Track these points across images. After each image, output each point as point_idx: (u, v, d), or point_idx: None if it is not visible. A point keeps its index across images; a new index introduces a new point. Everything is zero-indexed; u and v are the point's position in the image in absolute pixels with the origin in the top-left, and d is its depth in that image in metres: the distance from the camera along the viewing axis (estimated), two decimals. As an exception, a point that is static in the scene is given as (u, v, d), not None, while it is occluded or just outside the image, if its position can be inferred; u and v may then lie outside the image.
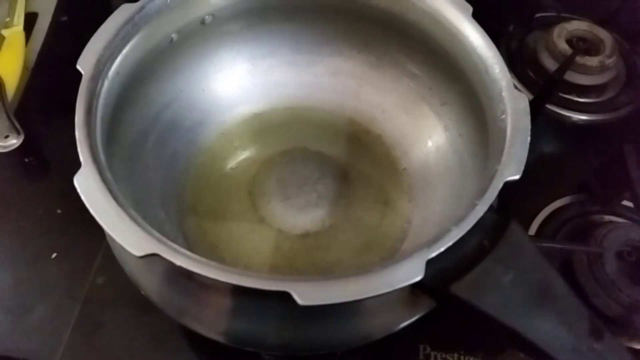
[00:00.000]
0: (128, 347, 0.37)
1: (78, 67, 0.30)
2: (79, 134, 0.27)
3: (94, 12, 0.42)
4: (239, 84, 0.44)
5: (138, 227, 0.24)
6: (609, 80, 0.53)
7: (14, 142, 0.46)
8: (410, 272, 0.23)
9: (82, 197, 0.25)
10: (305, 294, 0.22)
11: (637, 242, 0.42)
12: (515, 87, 0.30)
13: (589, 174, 0.49)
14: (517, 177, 0.27)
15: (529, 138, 0.28)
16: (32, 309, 0.39)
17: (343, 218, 0.40)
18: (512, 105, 0.29)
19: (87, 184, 0.25)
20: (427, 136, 0.42)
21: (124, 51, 0.32)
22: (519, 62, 0.55)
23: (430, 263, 0.24)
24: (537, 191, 0.47)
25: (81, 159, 0.26)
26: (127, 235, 0.24)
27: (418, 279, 0.23)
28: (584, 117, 0.52)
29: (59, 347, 0.37)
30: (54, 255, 0.41)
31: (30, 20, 0.57)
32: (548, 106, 0.51)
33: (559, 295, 0.25)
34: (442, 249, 0.24)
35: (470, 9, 0.33)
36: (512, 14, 0.58)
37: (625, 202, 0.46)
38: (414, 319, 0.29)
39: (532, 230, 0.45)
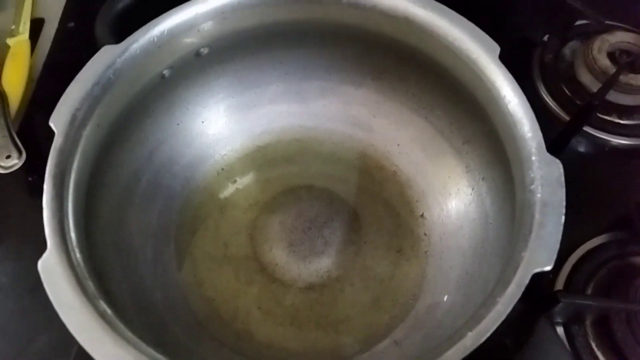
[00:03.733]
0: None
1: (51, 124, 0.27)
2: (47, 211, 0.24)
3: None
4: (241, 114, 0.40)
5: (105, 327, 0.22)
6: (655, 100, 0.47)
7: (15, 162, 0.44)
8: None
9: (46, 288, 0.22)
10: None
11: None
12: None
13: (630, 207, 0.43)
14: (548, 268, 0.22)
15: (563, 217, 0.24)
16: (34, 338, 0.37)
17: (351, 268, 0.36)
18: (544, 173, 0.25)
19: (51, 273, 0.23)
20: (447, 176, 0.38)
21: (105, 100, 0.29)
22: (554, 78, 0.49)
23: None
24: (570, 228, 0.42)
25: (48, 241, 0.23)
26: (92, 338, 0.21)
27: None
28: (625, 142, 0.47)
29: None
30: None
31: (37, 26, 0.54)
32: (584, 128, 0.46)
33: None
34: (454, 362, 0.21)
35: (498, 49, 0.29)
36: (548, 21, 0.52)
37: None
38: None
39: (564, 274, 0.40)
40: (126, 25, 0.34)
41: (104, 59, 0.29)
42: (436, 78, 0.35)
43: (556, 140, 0.45)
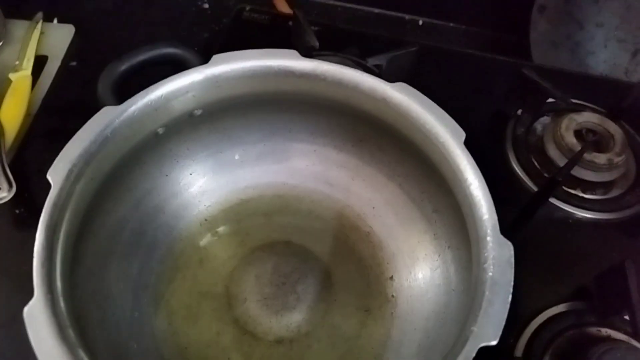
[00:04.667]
0: None
1: (48, 177, 0.29)
2: (37, 260, 0.26)
3: (104, 58, 0.40)
4: (228, 168, 0.43)
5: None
6: (617, 178, 0.51)
7: (5, 194, 0.45)
8: None
9: (29, 335, 0.24)
10: None
11: (633, 367, 0.39)
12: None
13: (589, 279, 0.46)
14: (493, 342, 0.25)
15: (510, 297, 0.26)
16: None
17: (320, 325, 0.38)
18: (496, 254, 0.27)
19: (36, 321, 0.24)
20: (416, 241, 0.40)
21: (100, 155, 0.31)
22: (524, 150, 0.53)
23: None
24: (531, 294, 0.44)
25: (35, 290, 0.25)
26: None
27: None
28: (588, 215, 0.50)
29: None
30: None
31: (40, 63, 0.56)
32: (550, 200, 0.49)
33: None
34: None
35: (464, 135, 0.32)
36: (522, 97, 0.56)
37: (627, 317, 0.43)
38: None
39: (523, 340, 0.42)
40: (125, 86, 0.36)
41: (103, 119, 0.31)
42: (410, 152, 0.37)
43: (523, 210, 0.48)
